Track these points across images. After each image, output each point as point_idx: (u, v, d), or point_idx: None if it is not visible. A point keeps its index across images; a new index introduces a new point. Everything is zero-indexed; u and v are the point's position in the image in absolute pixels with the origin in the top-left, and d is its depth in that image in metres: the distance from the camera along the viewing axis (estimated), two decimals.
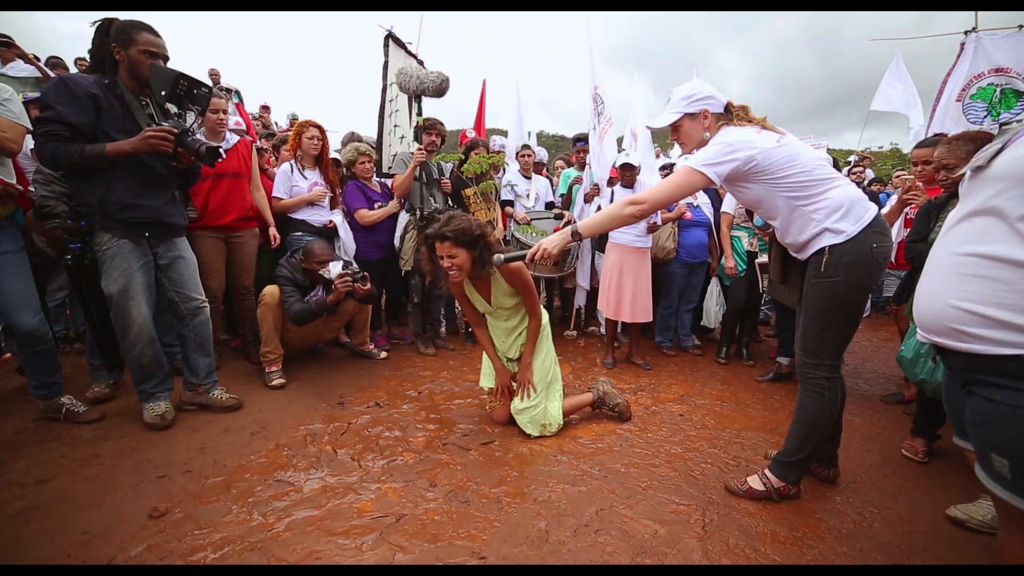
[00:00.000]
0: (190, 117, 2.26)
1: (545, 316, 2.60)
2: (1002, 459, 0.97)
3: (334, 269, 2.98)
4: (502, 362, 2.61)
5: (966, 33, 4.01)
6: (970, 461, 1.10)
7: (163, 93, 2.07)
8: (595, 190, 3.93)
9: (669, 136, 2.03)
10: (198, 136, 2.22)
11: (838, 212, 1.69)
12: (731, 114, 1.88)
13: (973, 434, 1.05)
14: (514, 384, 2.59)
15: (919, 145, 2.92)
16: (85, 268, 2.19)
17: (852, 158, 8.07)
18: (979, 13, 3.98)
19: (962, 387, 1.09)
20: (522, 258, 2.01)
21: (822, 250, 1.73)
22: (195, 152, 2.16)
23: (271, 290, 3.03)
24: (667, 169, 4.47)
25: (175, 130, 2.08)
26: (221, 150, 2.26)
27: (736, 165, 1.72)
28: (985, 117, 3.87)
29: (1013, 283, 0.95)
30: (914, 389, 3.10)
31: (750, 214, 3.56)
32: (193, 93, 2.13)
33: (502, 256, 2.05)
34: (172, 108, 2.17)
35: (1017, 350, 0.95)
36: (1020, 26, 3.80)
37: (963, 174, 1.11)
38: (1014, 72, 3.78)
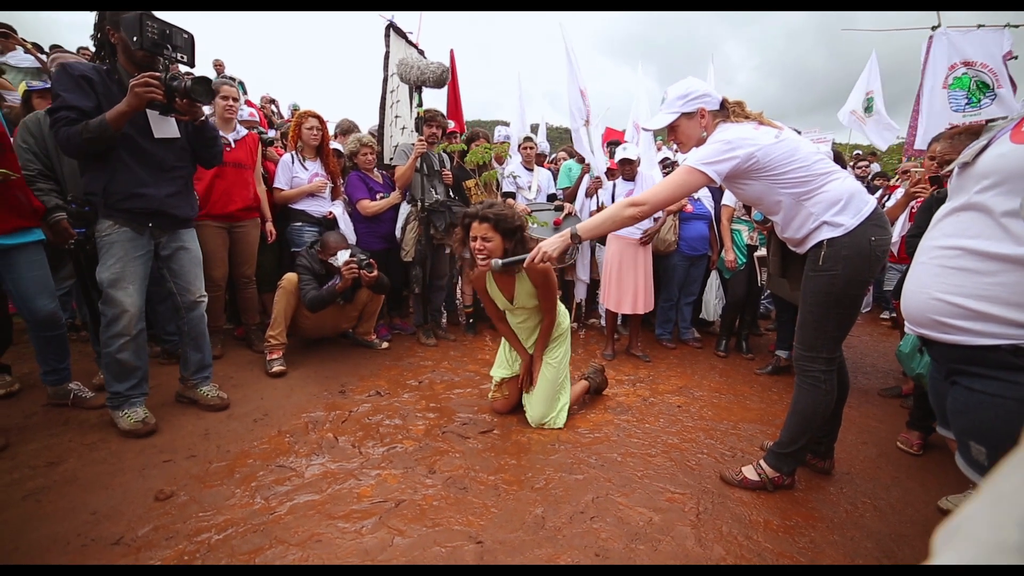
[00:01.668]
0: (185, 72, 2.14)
1: (566, 321, 2.61)
2: (979, 446, 1.00)
3: (341, 257, 3.03)
4: (525, 348, 2.61)
5: (933, 29, 4.17)
6: (953, 450, 1.12)
7: (135, 39, 1.93)
8: (597, 182, 3.92)
9: (667, 137, 2.02)
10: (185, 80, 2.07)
11: (836, 205, 1.69)
12: (727, 110, 1.87)
13: (954, 422, 1.08)
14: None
15: (934, 139, 2.91)
16: (88, 255, 2.18)
17: (856, 152, 8.00)
18: (943, 13, 4.18)
19: (945, 378, 1.11)
20: (521, 262, 1.99)
21: (820, 243, 1.73)
22: (184, 92, 2.02)
23: (290, 276, 3.12)
24: (668, 166, 4.47)
25: (157, 73, 1.97)
26: (212, 85, 2.12)
27: (736, 163, 1.71)
28: (966, 105, 4.03)
29: (995, 275, 0.97)
30: (912, 383, 3.12)
31: (749, 208, 3.55)
32: (166, 33, 1.98)
33: (500, 261, 2.03)
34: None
35: (996, 340, 0.97)
36: (979, 25, 4.01)
37: (952, 170, 1.12)
38: (979, 65, 3.99)
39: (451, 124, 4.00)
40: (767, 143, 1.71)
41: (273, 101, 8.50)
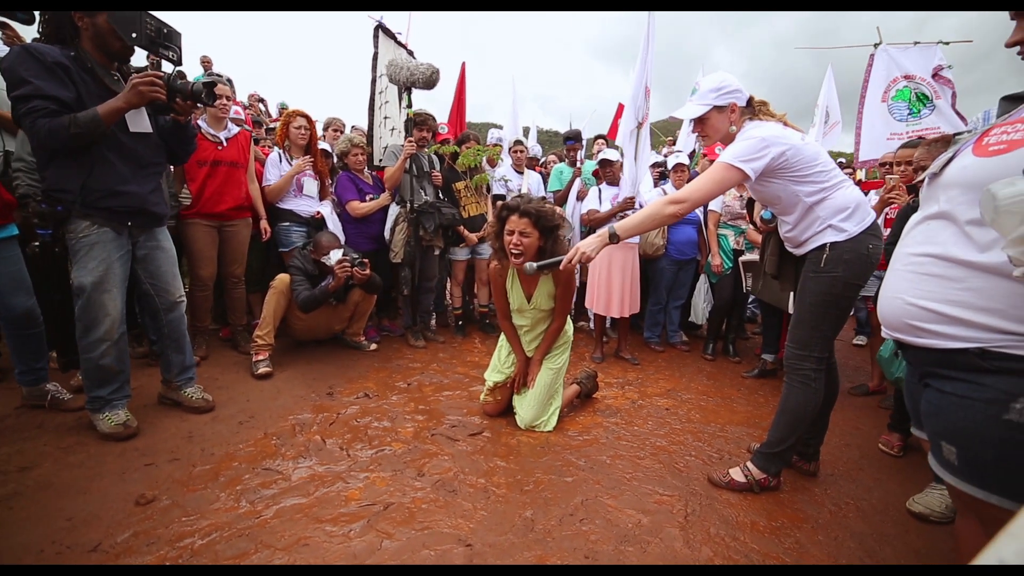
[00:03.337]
0: (167, 68, 2.06)
1: (571, 329, 2.62)
2: (950, 447, 1.03)
3: (334, 256, 3.02)
4: (523, 349, 2.59)
5: (875, 46, 4.48)
6: (927, 450, 1.15)
7: (133, 35, 1.86)
8: (629, 202, 3.60)
9: (692, 128, 2.03)
10: (187, 80, 2.04)
11: (844, 212, 1.75)
12: (753, 108, 1.90)
13: (926, 424, 1.12)
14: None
15: (903, 146, 3.00)
16: (53, 258, 2.06)
17: (840, 160, 8.20)
18: (882, 28, 4.52)
19: (919, 380, 1.15)
20: (557, 265, 1.96)
21: (823, 246, 1.78)
22: (190, 94, 1.99)
23: (282, 277, 3.09)
24: (660, 167, 4.52)
25: (162, 74, 1.91)
26: (216, 87, 2.09)
27: (770, 160, 1.74)
28: (908, 115, 4.34)
29: (962, 281, 1.01)
30: (877, 379, 3.22)
31: (750, 208, 3.55)
32: (163, 32, 1.91)
33: (535, 264, 2.00)
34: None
35: (965, 344, 1.00)
36: (916, 42, 4.38)
37: (923, 180, 1.17)
38: (919, 79, 4.31)
39: (444, 130, 3.95)
40: (797, 143, 1.75)
41: (262, 100, 8.40)
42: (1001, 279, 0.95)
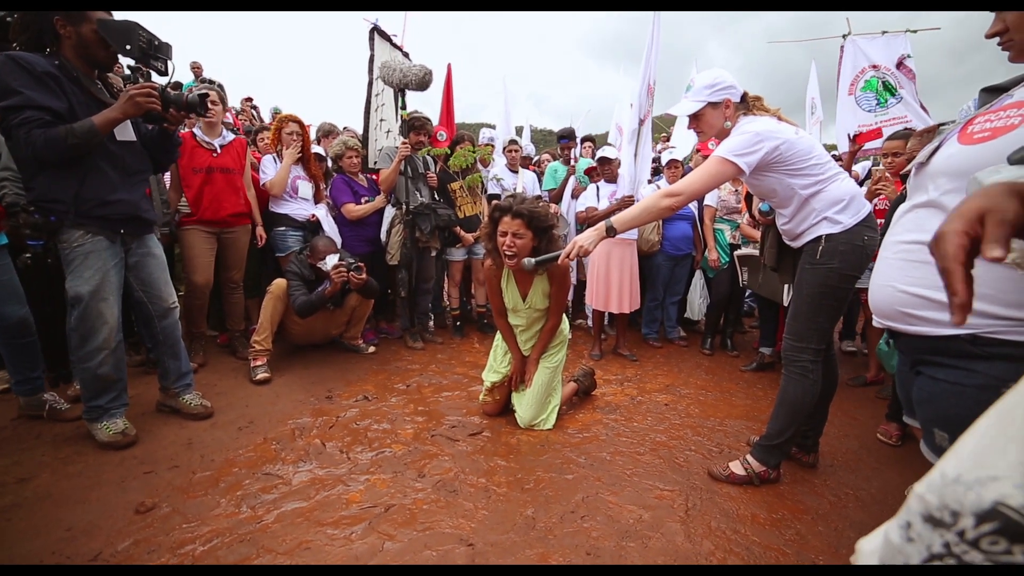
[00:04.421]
0: (157, 79, 2.12)
1: (567, 327, 2.62)
2: (943, 433, 1.04)
3: (330, 261, 3.01)
4: (519, 348, 2.59)
5: (844, 37, 4.53)
6: (919, 438, 1.16)
7: (128, 47, 1.86)
8: (628, 199, 3.64)
9: (688, 124, 2.05)
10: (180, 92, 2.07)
11: (839, 204, 1.77)
12: (748, 103, 1.92)
13: (919, 411, 1.12)
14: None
15: (890, 137, 3.02)
16: (46, 268, 2.05)
17: (833, 153, 8.25)
18: (851, 18, 4.57)
19: (911, 368, 1.16)
20: (555, 259, 1.96)
21: (818, 238, 1.80)
22: (185, 105, 2.01)
23: (279, 282, 3.08)
24: (653, 163, 4.53)
25: (156, 85, 1.93)
26: (208, 100, 2.12)
27: (764, 154, 1.75)
28: (877, 105, 4.36)
29: None
30: (875, 370, 3.24)
31: (749, 201, 3.56)
32: (155, 44, 1.92)
33: (533, 260, 2.00)
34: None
35: (956, 330, 1.00)
36: (883, 31, 4.41)
37: (910, 169, 1.18)
38: (884, 68, 4.33)
39: (443, 137, 3.92)
40: (791, 137, 1.77)
41: (254, 106, 8.38)
42: (990, 265, 0.96)
